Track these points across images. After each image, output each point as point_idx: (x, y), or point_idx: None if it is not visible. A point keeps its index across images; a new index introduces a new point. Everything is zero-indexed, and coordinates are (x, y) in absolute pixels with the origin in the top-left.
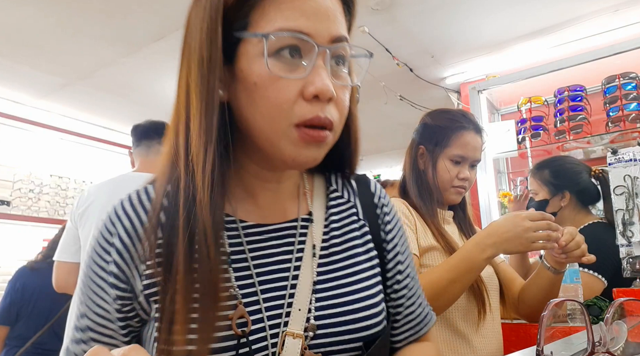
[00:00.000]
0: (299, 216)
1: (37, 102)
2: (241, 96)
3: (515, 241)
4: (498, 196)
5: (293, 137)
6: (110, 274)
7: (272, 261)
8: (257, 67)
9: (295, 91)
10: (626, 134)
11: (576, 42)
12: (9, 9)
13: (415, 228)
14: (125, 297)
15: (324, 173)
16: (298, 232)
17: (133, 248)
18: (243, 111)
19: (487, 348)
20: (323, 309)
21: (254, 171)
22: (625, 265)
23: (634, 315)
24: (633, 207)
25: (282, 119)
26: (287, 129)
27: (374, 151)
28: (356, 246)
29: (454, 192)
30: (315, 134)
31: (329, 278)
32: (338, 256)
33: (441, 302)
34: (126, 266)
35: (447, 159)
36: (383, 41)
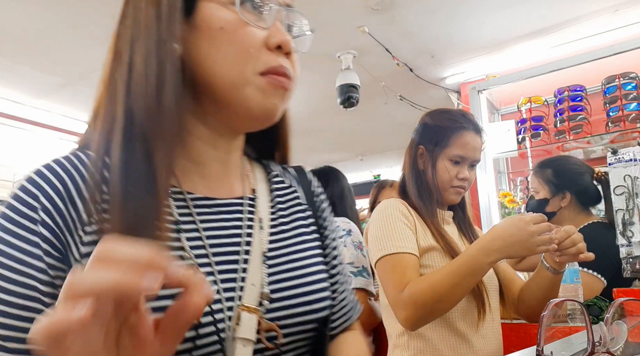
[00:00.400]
0: (245, 195)
1: (37, 102)
2: (202, 44)
3: (519, 245)
4: (498, 196)
5: (260, 84)
6: (40, 237)
7: (223, 234)
8: (224, 13)
9: (260, 39)
10: (626, 134)
11: (576, 42)
12: (9, 8)
13: (415, 228)
14: (59, 267)
15: (262, 162)
16: (246, 209)
17: (67, 212)
18: (203, 61)
19: (487, 348)
20: (276, 282)
21: (204, 136)
22: (625, 265)
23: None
24: (633, 207)
25: (249, 64)
26: (253, 76)
27: (374, 151)
28: (302, 226)
29: (453, 192)
30: (282, 81)
31: (280, 254)
32: (287, 234)
33: (443, 305)
34: (59, 230)
35: (447, 159)
36: (383, 41)
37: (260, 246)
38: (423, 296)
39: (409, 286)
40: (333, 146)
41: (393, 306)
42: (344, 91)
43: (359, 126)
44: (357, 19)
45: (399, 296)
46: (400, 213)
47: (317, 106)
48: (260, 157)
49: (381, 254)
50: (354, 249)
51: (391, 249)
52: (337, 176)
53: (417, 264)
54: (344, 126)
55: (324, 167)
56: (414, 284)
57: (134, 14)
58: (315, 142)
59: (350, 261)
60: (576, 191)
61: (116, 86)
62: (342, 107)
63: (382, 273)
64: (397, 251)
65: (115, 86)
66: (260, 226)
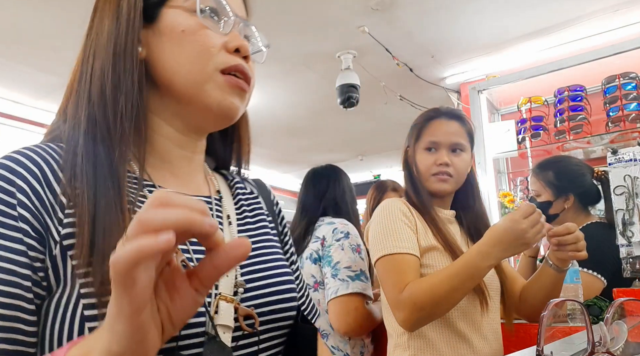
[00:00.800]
0: (211, 194)
1: (37, 102)
2: (165, 47)
3: (516, 243)
4: (498, 196)
5: (219, 81)
6: (19, 219)
7: None
8: (185, 18)
9: (220, 42)
10: (626, 134)
11: (576, 42)
12: (9, 8)
13: (416, 227)
14: (38, 249)
15: (221, 172)
16: (214, 206)
17: (44, 195)
18: (166, 63)
19: (487, 348)
20: (248, 274)
21: (171, 135)
22: (625, 265)
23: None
24: (633, 207)
25: (210, 62)
26: (214, 73)
27: (374, 151)
28: (266, 227)
29: (434, 180)
30: (239, 81)
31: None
32: (253, 232)
33: (441, 307)
34: (37, 212)
35: (421, 149)
36: (383, 41)
37: (231, 239)
38: (422, 298)
39: (408, 287)
40: (333, 146)
41: (392, 306)
42: (344, 91)
43: (359, 126)
44: (357, 19)
45: (398, 297)
46: (401, 213)
47: (317, 106)
48: (219, 167)
49: (381, 254)
50: (352, 252)
51: (391, 249)
52: (338, 175)
53: (417, 264)
54: (344, 126)
55: (326, 166)
56: (413, 285)
57: (97, 25)
58: (315, 142)
59: (348, 265)
60: (579, 192)
61: (79, 92)
62: (342, 107)
63: (382, 273)
64: (397, 251)
65: (78, 93)
66: (228, 222)
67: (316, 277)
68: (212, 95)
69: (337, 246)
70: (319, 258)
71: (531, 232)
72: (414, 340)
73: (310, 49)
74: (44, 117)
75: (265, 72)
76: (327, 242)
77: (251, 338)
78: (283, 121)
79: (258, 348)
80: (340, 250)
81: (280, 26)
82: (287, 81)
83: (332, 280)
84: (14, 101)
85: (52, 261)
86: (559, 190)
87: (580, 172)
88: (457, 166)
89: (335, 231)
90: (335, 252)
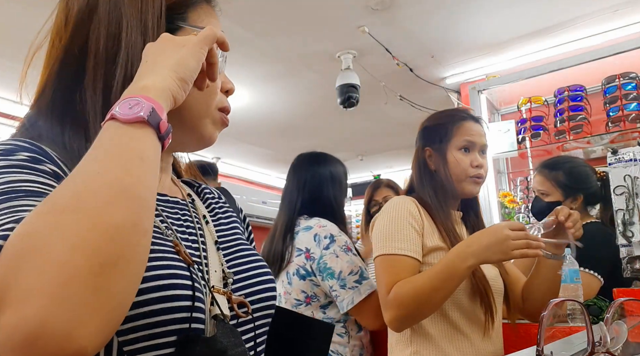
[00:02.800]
0: (185, 198)
1: None
2: None
3: (495, 248)
4: (498, 196)
5: (216, 118)
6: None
7: (183, 225)
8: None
9: (219, 83)
10: (626, 134)
11: (576, 42)
12: (9, 9)
13: (422, 228)
14: None
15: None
16: (190, 208)
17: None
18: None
19: (489, 347)
20: (234, 267)
21: None
22: (625, 265)
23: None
24: (633, 207)
25: (214, 101)
26: (214, 111)
27: (374, 151)
28: (238, 227)
29: (471, 182)
30: (226, 119)
31: (228, 245)
32: (227, 231)
33: (425, 308)
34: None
35: (456, 150)
36: (383, 41)
37: (211, 237)
38: (406, 298)
39: (395, 288)
40: (333, 146)
41: (382, 306)
42: (344, 91)
43: (359, 126)
44: (357, 19)
45: (385, 297)
46: (408, 213)
47: (317, 106)
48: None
49: (380, 252)
50: (345, 254)
51: (391, 249)
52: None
53: (414, 267)
54: (344, 126)
55: (311, 152)
56: (399, 286)
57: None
58: (315, 142)
59: (350, 271)
60: (587, 194)
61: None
62: (342, 107)
63: (378, 271)
64: (396, 252)
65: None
66: (205, 221)
67: (307, 292)
68: (208, 128)
69: (330, 255)
70: (308, 273)
71: (512, 243)
72: (416, 336)
73: (310, 49)
74: None
75: (265, 72)
76: (314, 254)
77: (246, 325)
78: (283, 121)
79: (255, 333)
80: (336, 258)
81: (280, 26)
82: (287, 81)
83: (342, 291)
84: (14, 101)
85: None
86: (570, 191)
87: (588, 174)
88: (485, 168)
89: (317, 237)
90: (331, 262)
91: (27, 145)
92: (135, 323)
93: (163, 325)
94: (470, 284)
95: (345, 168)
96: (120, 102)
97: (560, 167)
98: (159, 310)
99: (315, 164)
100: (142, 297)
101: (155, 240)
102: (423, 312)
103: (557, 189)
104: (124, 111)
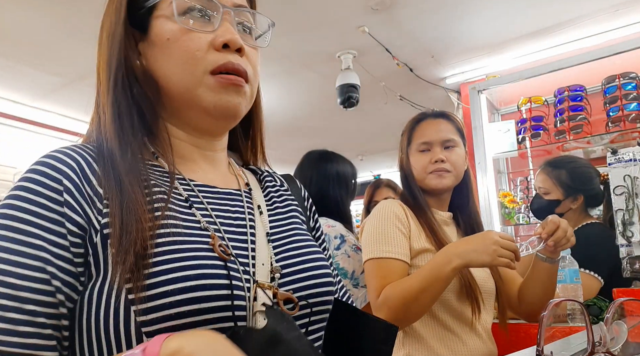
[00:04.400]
0: (240, 188)
1: (37, 102)
2: (157, 56)
3: (480, 250)
4: (498, 196)
5: (210, 83)
6: (66, 218)
7: (231, 217)
8: (169, 25)
9: (206, 42)
10: (626, 134)
11: (576, 42)
12: (9, 9)
13: (409, 230)
14: (79, 234)
15: (249, 168)
16: (244, 198)
17: (82, 186)
18: (161, 70)
19: (481, 348)
20: (283, 260)
21: (185, 137)
22: (625, 265)
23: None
24: (633, 207)
25: (198, 66)
26: (203, 76)
27: (374, 151)
28: (297, 217)
29: (432, 177)
30: (231, 78)
31: (282, 236)
32: (284, 221)
33: (414, 309)
34: (78, 202)
35: (416, 152)
36: (383, 41)
37: (263, 228)
38: (394, 301)
39: (384, 291)
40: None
41: (372, 310)
42: (344, 91)
43: (359, 126)
44: (357, 19)
45: (375, 301)
46: (395, 217)
47: (317, 106)
48: (244, 164)
49: (369, 256)
50: (356, 253)
51: (379, 253)
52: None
53: (403, 269)
54: (344, 126)
55: (318, 151)
56: (387, 289)
57: (100, 38)
58: (315, 142)
59: (362, 270)
60: (588, 194)
61: (97, 114)
62: (342, 107)
63: (368, 275)
64: (384, 255)
65: (96, 114)
66: (260, 212)
67: None
68: (207, 98)
69: (342, 255)
70: None
71: (498, 248)
72: (408, 338)
73: (310, 49)
74: (44, 117)
75: (265, 72)
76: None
77: (297, 321)
78: (283, 121)
79: (307, 329)
80: (347, 258)
81: (280, 26)
82: (287, 81)
83: (355, 290)
84: (14, 101)
85: (93, 249)
86: (570, 190)
87: (591, 175)
88: (452, 161)
89: (327, 238)
90: (344, 263)
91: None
92: (172, 322)
93: (202, 324)
94: (458, 284)
95: (355, 169)
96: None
97: (563, 166)
98: (193, 311)
99: (322, 162)
100: (169, 299)
101: (189, 238)
102: (413, 314)
103: (558, 188)
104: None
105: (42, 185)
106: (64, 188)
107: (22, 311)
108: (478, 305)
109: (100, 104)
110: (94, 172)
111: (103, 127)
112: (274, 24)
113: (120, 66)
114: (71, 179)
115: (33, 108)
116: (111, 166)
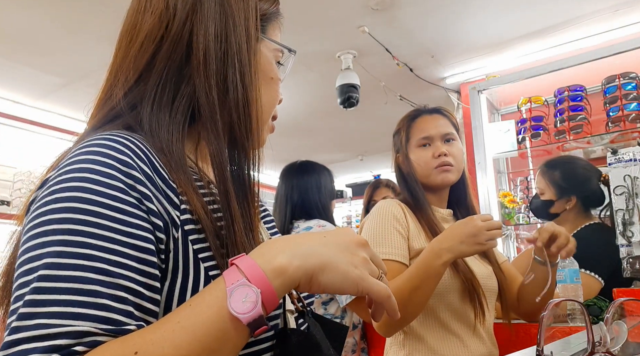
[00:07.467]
0: None
1: (37, 102)
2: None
3: (469, 240)
4: (498, 196)
5: (270, 126)
6: (152, 224)
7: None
8: (273, 66)
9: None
10: (626, 134)
11: (576, 42)
12: (9, 9)
13: (408, 230)
14: (161, 228)
15: None
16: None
17: (155, 179)
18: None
19: (482, 348)
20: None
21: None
22: (625, 265)
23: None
24: (633, 207)
25: (273, 110)
26: (270, 119)
27: (374, 151)
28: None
29: (437, 172)
30: (274, 127)
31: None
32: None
33: (409, 309)
34: (153, 194)
35: (415, 148)
36: (383, 41)
37: (265, 236)
38: None
39: None
40: (333, 146)
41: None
42: (344, 91)
43: (359, 126)
44: (357, 19)
45: None
46: (393, 217)
47: (317, 106)
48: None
49: None
50: None
51: None
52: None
53: (401, 271)
54: (344, 126)
55: (301, 162)
56: None
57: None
58: (315, 142)
59: None
60: (582, 196)
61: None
62: (342, 107)
63: None
64: (382, 257)
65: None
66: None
67: None
68: (264, 135)
69: None
70: None
71: (486, 234)
72: (409, 339)
73: (310, 49)
74: (44, 117)
75: None
76: None
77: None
78: (283, 121)
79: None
80: None
81: None
82: (287, 81)
83: None
84: (14, 101)
85: (175, 244)
86: (562, 191)
87: (586, 176)
88: (454, 155)
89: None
90: None
91: (119, 146)
92: None
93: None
94: (460, 284)
95: (329, 172)
96: (239, 276)
97: (558, 167)
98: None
99: (300, 173)
100: None
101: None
102: (407, 313)
103: (551, 188)
104: (236, 303)
105: (117, 175)
106: (138, 180)
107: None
108: (482, 309)
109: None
110: (160, 164)
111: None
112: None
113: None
114: (143, 171)
115: (33, 108)
116: (179, 163)
